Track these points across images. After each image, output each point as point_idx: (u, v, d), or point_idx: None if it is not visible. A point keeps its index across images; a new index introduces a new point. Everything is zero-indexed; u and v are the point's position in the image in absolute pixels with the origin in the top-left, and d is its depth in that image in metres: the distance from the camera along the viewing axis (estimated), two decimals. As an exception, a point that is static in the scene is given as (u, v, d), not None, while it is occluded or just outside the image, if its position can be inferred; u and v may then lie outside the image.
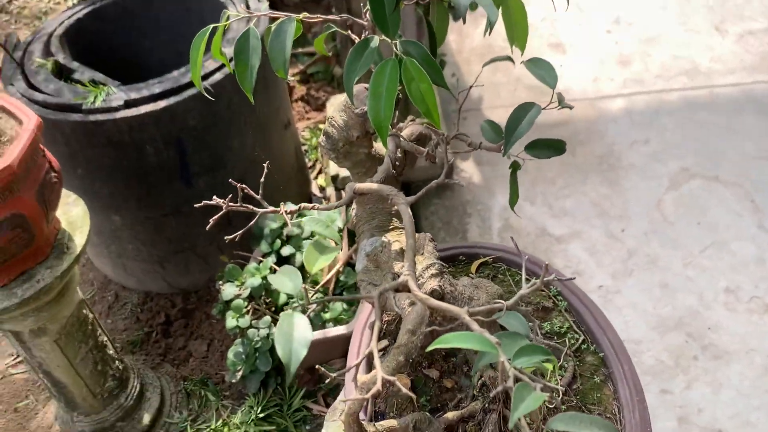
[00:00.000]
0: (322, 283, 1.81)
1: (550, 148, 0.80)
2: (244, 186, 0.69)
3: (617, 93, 2.77)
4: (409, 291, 0.69)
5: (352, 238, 1.91)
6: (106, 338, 1.67)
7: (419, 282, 0.73)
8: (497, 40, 2.99)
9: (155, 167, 1.80)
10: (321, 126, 2.74)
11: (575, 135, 2.60)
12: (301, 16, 0.67)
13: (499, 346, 0.47)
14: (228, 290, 1.77)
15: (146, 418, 1.77)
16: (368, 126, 0.73)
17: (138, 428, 1.75)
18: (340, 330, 1.72)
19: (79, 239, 1.42)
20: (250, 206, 0.69)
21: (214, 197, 0.71)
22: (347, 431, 0.65)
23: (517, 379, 0.45)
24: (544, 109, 0.75)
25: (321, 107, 2.85)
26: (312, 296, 1.81)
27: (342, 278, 1.83)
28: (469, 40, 3.14)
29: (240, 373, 1.77)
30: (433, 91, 0.57)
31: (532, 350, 0.49)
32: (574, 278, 0.74)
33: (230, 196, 0.74)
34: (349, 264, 1.86)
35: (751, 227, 2.19)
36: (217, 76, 1.79)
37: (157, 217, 1.92)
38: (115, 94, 1.74)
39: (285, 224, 1.85)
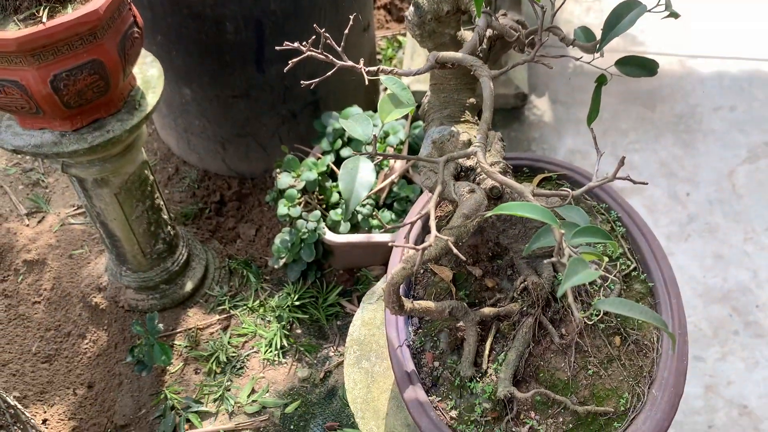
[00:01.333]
0: (375, 190, 1.82)
1: (642, 66, 0.77)
2: (326, 34, 0.68)
3: (711, 54, 2.63)
4: (473, 176, 0.69)
5: (411, 151, 1.90)
6: (162, 203, 1.72)
7: (481, 177, 0.72)
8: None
9: (232, 46, 1.81)
10: (399, 38, 2.70)
11: (658, 90, 2.50)
12: None
13: (557, 231, 0.47)
14: (284, 179, 1.80)
15: (189, 286, 1.85)
16: (461, 1, 0.71)
17: (179, 293, 1.83)
18: (384, 237, 1.74)
19: (152, 98, 1.45)
20: (330, 56, 0.68)
21: (297, 43, 0.70)
22: (386, 300, 0.66)
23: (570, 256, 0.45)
24: (649, 11, 0.71)
25: (402, 19, 2.79)
26: (364, 201, 1.82)
27: (395, 189, 1.83)
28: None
29: (283, 260, 1.82)
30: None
31: (593, 232, 0.48)
32: (647, 183, 0.72)
33: (312, 39, 0.73)
34: (404, 177, 1.86)
35: (825, 215, 2.10)
36: (308, -38, 1.76)
37: (226, 97, 1.95)
38: (206, -35, 1.73)
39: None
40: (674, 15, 0.72)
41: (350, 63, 0.67)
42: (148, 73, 1.50)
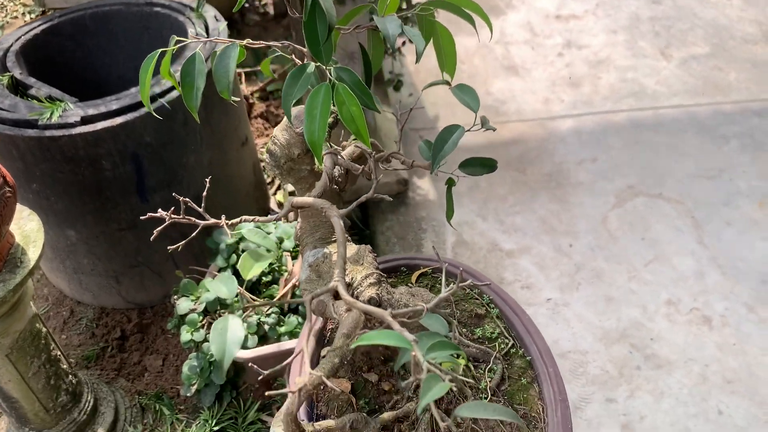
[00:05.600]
0: (277, 297, 1.84)
1: (482, 165, 0.86)
2: (187, 200, 0.73)
3: (567, 113, 2.88)
4: (352, 291, 0.74)
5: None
6: (59, 352, 1.67)
7: (359, 290, 0.78)
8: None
9: (111, 182, 1.82)
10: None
11: (526, 153, 2.69)
12: (244, 42, 0.72)
13: (415, 343, 0.52)
14: (183, 305, 1.79)
15: (100, 433, 1.77)
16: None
17: (91, 443, 1.75)
18: (294, 343, 1.76)
19: (33, 253, 1.43)
20: (193, 218, 0.72)
21: (159, 210, 0.74)
22: (285, 431, 0.69)
23: (429, 371, 0.51)
24: (468, 131, 0.81)
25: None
26: (254, 306, 1.84)
27: (298, 292, 1.86)
28: (426, 60, 3.21)
29: (195, 386, 1.79)
30: (362, 113, 0.62)
31: (444, 345, 0.54)
32: (489, 283, 0.80)
33: (172, 208, 0.78)
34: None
35: (691, 242, 2.30)
36: (174, 93, 1.82)
37: (112, 232, 1.94)
38: (72, 110, 1.76)
39: (242, 238, 1.88)
40: (491, 129, 0.82)
41: (213, 220, 0.72)
42: (27, 227, 1.49)
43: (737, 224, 2.34)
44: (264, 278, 1.86)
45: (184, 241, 0.73)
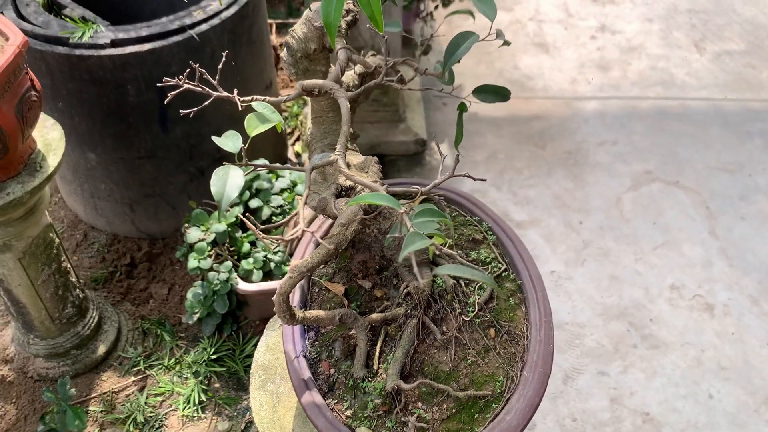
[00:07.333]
0: (288, 237, 1.87)
1: (495, 93, 0.87)
2: (201, 69, 0.74)
3: (593, 95, 2.86)
4: (353, 194, 0.76)
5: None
6: (69, 266, 1.71)
7: (356, 193, 0.80)
8: (483, 34, 3.07)
9: (134, 109, 1.85)
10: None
11: (547, 130, 2.69)
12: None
13: (403, 209, 0.55)
14: (193, 233, 1.82)
15: (101, 349, 1.82)
16: (326, 40, 0.80)
17: (92, 358, 1.80)
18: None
19: (53, 161, 1.47)
20: (206, 87, 0.75)
21: (165, 78, 0.76)
22: (277, 310, 0.72)
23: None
24: (481, 40, 0.82)
25: (306, 79, 2.91)
26: (274, 248, 1.87)
27: (305, 235, 1.89)
28: (457, 32, 3.20)
29: (197, 315, 1.83)
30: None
31: (430, 213, 0.56)
32: (485, 179, 0.81)
33: (187, 71, 0.79)
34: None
35: (703, 232, 2.29)
36: (203, 26, 1.84)
37: (131, 159, 1.97)
38: (103, 32, 1.79)
39: (256, 177, 1.91)
40: (506, 43, 0.83)
41: (225, 93, 0.74)
42: (49, 136, 1.52)
43: (751, 219, 2.33)
44: (275, 218, 1.89)
45: (195, 109, 0.74)
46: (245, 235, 1.87)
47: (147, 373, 1.83)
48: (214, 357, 1.83)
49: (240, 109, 0.74)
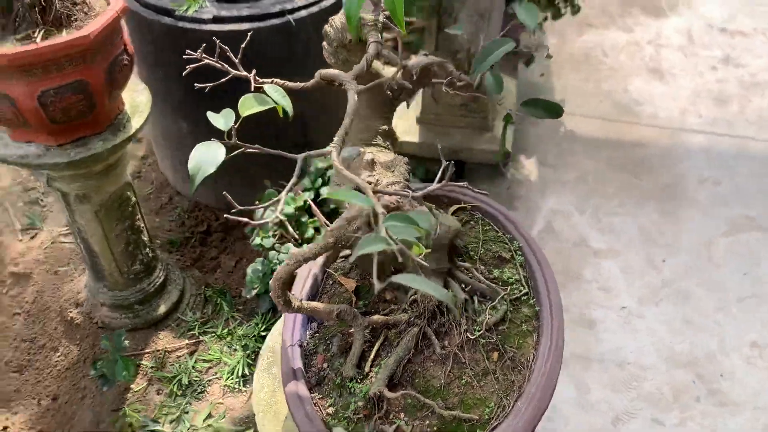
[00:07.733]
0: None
1: (545, 109, 0.83)
2: (222, 44, 0.76)
3: (702, 129, 2.69)
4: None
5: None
6: (143, 225, 1.80)
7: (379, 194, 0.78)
8: (596, 52, 2.96)
9: (227, 84, 1.91)
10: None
11: (647, 158, 2.56)
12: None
13: (378, 209, 0.53)
14: (260, 212, 1.87)
15: (162, 309, 1.90)
16: (361, 32, 0.79)
17: (152, 315, 1.89)
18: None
19: (137, 122, 1.54)
20: (225, 64, 0.76)
21: (188, 51, 0.78)
22: (273, 295, 0.72)
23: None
24: (516, 48, 0.78)
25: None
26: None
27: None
28: (568, 46, 3.10)
29: (255, 290, 1.87)
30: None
31: (405, 219, 0.54)
32: (487, 193, 0.77)
33: (203, 46, 0.81)
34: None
35: (800, 291, 2.10)
36: (303, 13, 1.88)
37: (220, 133, 2.04)
38: (208, 8, 1.86)
39: (330, 166, 1.93)
40: (549, 56, 0.79)
41: (244, 73, 0.75)
42: (137, 100, 1.61)
43: None
44: (341, 210, 1.90)
45: (211, 84, 0.76)
46: (311, 220, 1.89)
47: (200, 338, 1.90)
48: (264, 333, 1.87)
49: (252, 89, 0.74)
